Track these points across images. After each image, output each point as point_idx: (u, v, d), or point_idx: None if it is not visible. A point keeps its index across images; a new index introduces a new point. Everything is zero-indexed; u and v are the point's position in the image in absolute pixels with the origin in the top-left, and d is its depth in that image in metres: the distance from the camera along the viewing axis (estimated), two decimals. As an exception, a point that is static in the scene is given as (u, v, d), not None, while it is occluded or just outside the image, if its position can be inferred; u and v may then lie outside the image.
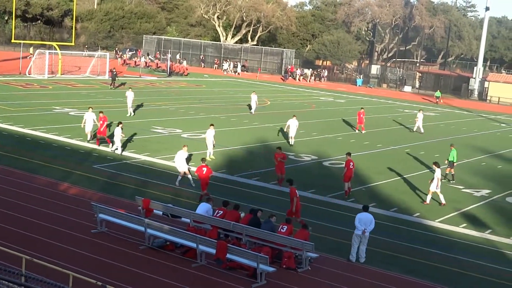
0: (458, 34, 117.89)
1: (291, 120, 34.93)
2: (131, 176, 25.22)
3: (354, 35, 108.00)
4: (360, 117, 42.38)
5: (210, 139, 29.10)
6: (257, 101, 46.67)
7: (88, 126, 30.48)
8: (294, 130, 34.77)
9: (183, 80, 70.98)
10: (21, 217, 18.73)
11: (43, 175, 23.99)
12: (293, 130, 34.77)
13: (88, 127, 30.48)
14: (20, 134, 31.64)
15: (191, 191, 23.63)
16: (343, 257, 17.96)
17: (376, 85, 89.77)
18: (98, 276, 14.16)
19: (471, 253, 19.55)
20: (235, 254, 15.99)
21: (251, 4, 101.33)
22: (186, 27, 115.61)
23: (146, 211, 18.95)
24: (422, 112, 45.69)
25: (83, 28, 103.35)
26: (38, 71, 60.43)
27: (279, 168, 25.70)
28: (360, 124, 42.42)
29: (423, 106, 67.24)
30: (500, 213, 24.66)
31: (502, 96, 79.84)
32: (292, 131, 34.79)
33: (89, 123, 30.52)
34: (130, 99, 40.21)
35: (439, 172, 24.88)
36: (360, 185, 26.97)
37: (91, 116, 30.66)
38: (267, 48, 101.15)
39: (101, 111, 30.93)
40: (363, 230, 17.65)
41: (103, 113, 30.38)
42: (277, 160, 25.71)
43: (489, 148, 40.76)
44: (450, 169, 29.43)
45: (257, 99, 46.67)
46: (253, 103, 46.33)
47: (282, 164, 25.62)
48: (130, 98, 40.22)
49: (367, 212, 18.05)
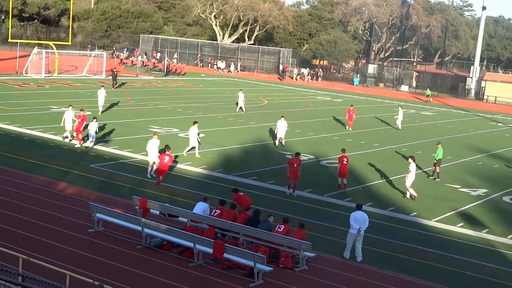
0: (455, 34, 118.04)
1: (280, 121, 34.08)
2: (128, 175, 25.21)
3: (351, 35, 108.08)
4: (349, 114, 42.86)
5: (194, 137, 29.22)
6: (244, 99, 46.83)
7: (68, 125, 30.48)
8: (283, 131, 33.94)
9: (180, 80, 70.96)
10: (18, 217, 18.71)
11: (40, 174, 23.97)
12: (282, 131, 33.92)
13: (68, 125, 30.48)
14: (17, 134, 31.61)
15: (189, 191, 23.62)
16: (340, 257, 17.99)
17: (373, 85, 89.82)
18: (95, 276, 14.16)
19: (468, 252, 19.59)
20: (232, 254, 16.00)
21: (248, 3, 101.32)
22: (183, 27, 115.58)
23: (143, 210, 18.95)
24: (401, 109, 46.20)
25: (80, 27, 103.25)
26: (35, 71, 60.35)
27: (293, 174, 24.44)
28: (350, 121, 42.92)
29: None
30: (496, 212, 24.71)
31: (498, 96, 79.95)
32: (280, 132, 33.92)
33: (68, 121, 30.52)
34: (102, 97, 39.39)
35: (414, 166, 25.06)
36: (357, 184, 26.99)
37: (70, 115, 30.63)
38: (264, 47, 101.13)
39: (81, 109, 30.92)
40: (358, 229, 17.72)
41: (83, 111, 30.38)
42: (293, 166, 24.50)
43: (486, 147, 40.83)
44: (436, 167, 29.58)
45: (244, 98, 46.82)
46: (240, 101, 46.52)
47: (297, 170, 24.47)
48: (102, 96, 39.45)
49: (361, 210, 18.17)
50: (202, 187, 24.27)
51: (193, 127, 29.41)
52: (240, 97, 46.63)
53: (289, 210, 21.77)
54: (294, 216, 20.66)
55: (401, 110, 46.00)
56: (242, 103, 46.50)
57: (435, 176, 29.55)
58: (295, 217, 20.44)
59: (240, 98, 46.60)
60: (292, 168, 24.43)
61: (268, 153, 32.58)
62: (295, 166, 24.45)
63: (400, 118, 45.40)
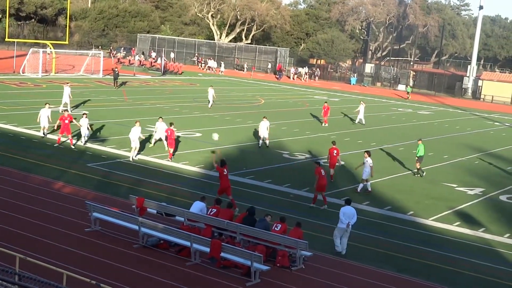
0: (452, 33, 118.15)
1: (262, 122, 33.60)
2: (125, 174, 25.20)
3: (348, 34, 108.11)
4: (324, 111, 43.59)
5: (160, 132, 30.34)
6: (214, 95, 47.28)
7: (43, 122, 30.92)
8: (265, 131, 33.36)
9: (177, 79, 70.92)
10: (15, 216, 18.70)
11: (37, 174, 23.95)
12: (265, 132, 33.36)
13: (43, 122, 30.91)
14: (14, 133, 31.58)
15: (186, 190, 23.63)
16: (338, 256, 18.01)
17: (370, 84, 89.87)
18: (92, 275, 14.15)
19: (465, 251, 19.62)
20: (229, 253, 16.01)
21: (245, 2, 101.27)
22: (180, 26, 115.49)
23: (140, 209, 18.92)
24: (363, 104, 46.52)
25: (77, 26, 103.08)
26: (32, 70, 60.27)
27: (332, 164, 26.83)
28: (324, 116, 43.59)
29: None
30: (493, 211, 24.74)
31: (495, 95, 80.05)
32: (263, 133, 33.38)
33: (43, 119, 30.96)
34: (66, 94, 39.24)
35: (370, 160, 25.36)
36: (354, 183, 27.00)
37: (46, 113, 31.07)
38: (261, 46, 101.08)
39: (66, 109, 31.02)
40: (347, 223, 17.95)
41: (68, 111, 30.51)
42: (332, 154, 26.69)
43: (483, 146, 40.89)
44: (418, 164, 29.90)
45: (214, 93, 47.28)
46: (210, 97, 46.81)
47: (335, 159, 26.74)
48: (67, 93, 39.28)
49: (350, 206, 18.43)
50: (199, 186, 24.27)
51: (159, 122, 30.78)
52: (210, 93, 47.04)
53: (286, 209, 21.78)
54: (291, 215, 20.69)
55: (362, 105, 46.17)
56: (212, 99, 46.88)
57: (420, 173, 29.85)
58: (292, 216, 20.47)
59: (210, 93, 47.02)
60: (331, 156, 26.83)
61: (265, 152, 32.57)
62: (333, 155, 26.73)
63: (362, 112, 45.72)
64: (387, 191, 26.39)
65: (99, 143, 30.52)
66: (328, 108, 43.74)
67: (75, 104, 41.70)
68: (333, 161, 26.99)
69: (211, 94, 47.13)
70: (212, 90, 47.34)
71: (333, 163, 27.04)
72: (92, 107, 40.32)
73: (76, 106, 41.15)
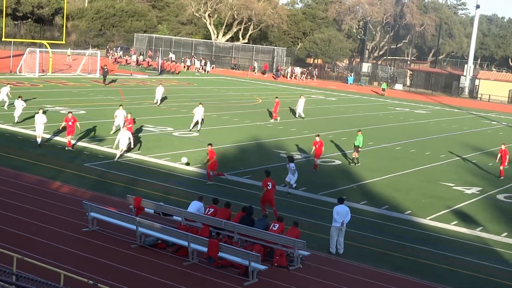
0: (449, 32, 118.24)
1: (197, 108, 36.33)
2: (122, 174, 25.17)
3: (345, 33, 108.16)
4: (275, 106, 43.80)
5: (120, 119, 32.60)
6: (162, 93, 46.70)
7: (17, 112, 33.71)
8: (200, 117, 36.13)
9: (174, 78, 70.85)
10: (11, 216, 18.67)
11: (33, 173, 23.91)
12: (199, 117, 36.12)
13: (16, 112, 33.70)
14: (10, 133, 31.53)
15: (184, 190, 23.61)
16: (335, 255, 18.01)
17: (367, 83, 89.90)
18: (90, 275, 14.13)
19: (462, 250, 19.63)
20: (226, 252, 16.00)
21: (242, 2, 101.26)
22: (177, 25, 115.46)
23: (137, 209, 18.91)
24: (303, 98, 46.67)
25: (74, 26, 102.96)
26: (28, 70, 60.18)
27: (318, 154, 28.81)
28: (274, 113, 43.77)
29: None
30: (491, 210, 24.77)
31: (492, 94, 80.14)
32: (197, 118, 36.08)
33: (18, 109, 33.77)
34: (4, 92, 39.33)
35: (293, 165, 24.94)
36: (352, 182, 27.02)
37: (20, 104, 33.82)
38: (258, 46, 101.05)
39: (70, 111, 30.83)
40: (342, 222, 17.97)
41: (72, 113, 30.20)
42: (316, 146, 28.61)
43: (480, 145, 40.92)
44: (355, 153, 30.72)
45: (163, 92, 46.65)
46: (158, 95, 46.20)
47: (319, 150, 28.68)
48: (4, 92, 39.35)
49: (343, 204, 18.45)
50: (197, 186, 24.25)
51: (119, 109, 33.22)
52: (158, 92, 46.13)
53: (283, 209, 21.76)
54: (288, 214, 20.69)
55: (301, 99, 46.24)
56: (160, 97, 46.29)
57: (355, 161, 30.67)
58: (289, 215, 20.46)
59: (158, 92, 46.14)
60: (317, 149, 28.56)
61: (262, 152, 32.58)
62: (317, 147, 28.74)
63: (301, 106, 45.80)
64: (384, 190, 26.39)
65: (96, 143, 30.47)
66: (278, 103, 43.80)
67: (75, 104, 41.60)
68: (318, 152, 28.60)
69: (160, 93, 45.95)
70: (161, 89, 46.07)
71: (318, 154, 28.66)
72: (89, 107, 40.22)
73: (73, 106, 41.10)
